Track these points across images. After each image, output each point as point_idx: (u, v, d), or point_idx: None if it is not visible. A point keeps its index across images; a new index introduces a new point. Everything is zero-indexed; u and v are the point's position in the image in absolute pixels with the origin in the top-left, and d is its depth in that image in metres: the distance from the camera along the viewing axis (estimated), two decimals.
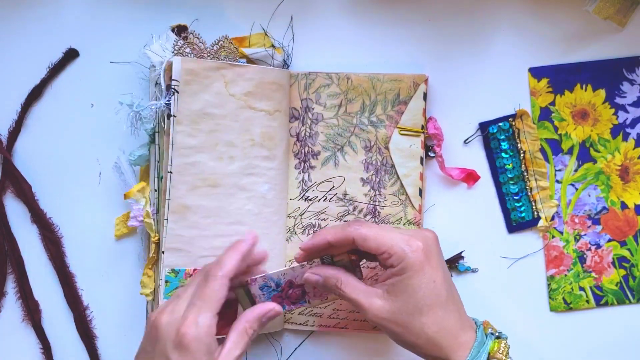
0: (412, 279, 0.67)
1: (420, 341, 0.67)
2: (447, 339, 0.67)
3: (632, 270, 0.80)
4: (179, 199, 0.74)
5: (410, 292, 0.67)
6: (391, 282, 0.67)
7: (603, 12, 0.77)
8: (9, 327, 0.81)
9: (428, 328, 0.67)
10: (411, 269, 0.67)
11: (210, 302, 0.65)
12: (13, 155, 0.81)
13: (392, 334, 0.68)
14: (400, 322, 0.67)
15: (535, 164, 0.79)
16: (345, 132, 0.79)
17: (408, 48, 0.80)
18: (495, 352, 0.67)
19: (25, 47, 0.81)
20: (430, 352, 0.67)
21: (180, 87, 0.73)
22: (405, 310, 0.67)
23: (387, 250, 0.67)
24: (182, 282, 0.75)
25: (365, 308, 0.68)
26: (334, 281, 0.69)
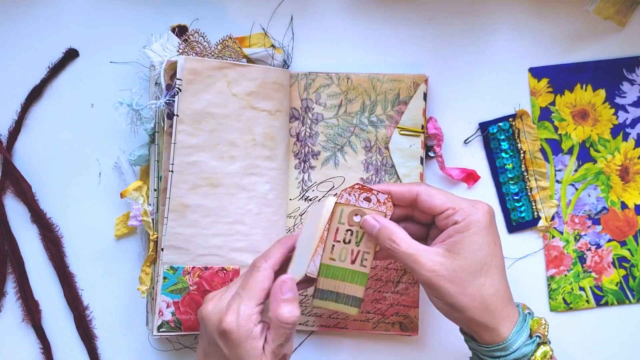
0: (477, 236, 0.66)
1: (474, 304, 0.66)
2: (498, 306, 0.66)
3: (632, 270, 0.80)
4: (180, 198, 0.74)
5: (475, 249, 0.66)
6: (453, 240, 0.67)
7: (603, 12, 0.77)
8: (9, 327, 0.81)
9: (485, 290, 0.66)
10: (477, 225, 0.66)
11: (252, 292, 0.67)
12: (13, 155, 0.81)
13: (444, 295, 0.66)
14: (459, 281, 0.66)
15: (535, 164, 0.79)
16: (345, 132, 0.79)
17: (408, 48, 0.80)
18: (537, 328, 0.67)
19: (25, 47, 0.81)
20: (478, 317, 0.66)
21: (183, 86, 0.73)
22: (467, 268, 0.66)
23: (453, 206, 0.67)
24: (180, 279, 0.75)
25: (423, 263, 0.66)
26: (389, 233, 0.68)
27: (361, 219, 0.70)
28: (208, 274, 0.75)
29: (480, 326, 0.67)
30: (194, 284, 0.75)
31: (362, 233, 0.70)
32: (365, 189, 0.70)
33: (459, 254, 0.66)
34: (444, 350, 0.80)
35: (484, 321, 0.66)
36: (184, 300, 0.75)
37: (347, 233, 0.70)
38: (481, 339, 0.68)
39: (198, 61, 0.74)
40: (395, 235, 0.68)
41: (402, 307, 0.79)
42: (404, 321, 0.79)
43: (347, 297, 0.71)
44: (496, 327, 0.66)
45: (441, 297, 0.67)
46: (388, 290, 0.79)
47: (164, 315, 0.75)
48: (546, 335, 0.68)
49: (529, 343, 0.67)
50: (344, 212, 0.70)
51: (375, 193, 0.70)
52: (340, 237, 0.70)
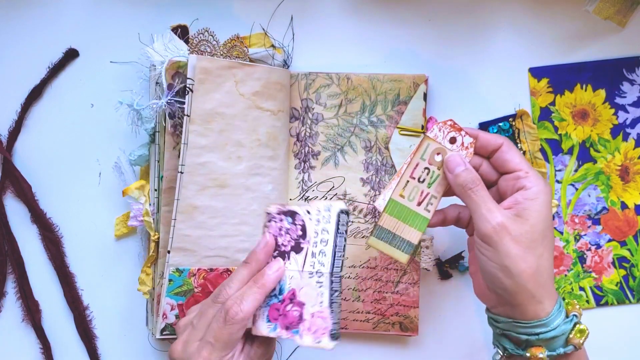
0: (544, 205, 0.66)
1: (530, 270, 0.65)
2: (548, 280, 0.66)
3: (632, 270, 0.80)
4: (189, 199, 0.74)
5: (542, 218, 0.66)
6: (522, 207, 0.66)
7: (603, 12, 0.77)
8: (9, 327, 0.81)
9: (542, 260, 0.66)
10: (545, 196, 0.67)
11: (227, 344, 0.64)
12: (13, 155, 0.81)
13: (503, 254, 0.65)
14: (522, 244, 0.65)
15: (536, 164, 0.79)
16: (345, 132, 0.79)
17: (408, 48, 0.80)
18: (573, 308, 0.67)
19: (25, 47, 0.81)
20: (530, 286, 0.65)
21: (195, 85, 0.73)
22: (531, 234, 0.66)
23: (526, 170, 0.68)
24: (185, 282, 0.75)
25: (494, 214, 0.66)
26: (473, 175, 0.68)
27: (445, 156, 0.69)
28: (213, 275, 0.75)
29: (528, 296, 0.66)
30: (199, 286, 0.75)
31: (437, 175, 0.69)
32: (455, 128, 0.69)
33: (527, 219, 0.66)
34: (444, 350, 0.80)
35: (533, 291, 0.65)
36: (188, 303, 0.75)
37: (424, 171, 0.70)
38: (523, 313, 0.66)
39: (209, 60, 0.74)
40: (479, 180, 0.68)
41: (402, 307, 0.79)
42: (404, 321, 0.79)
43: (402, 241, 0.71)
44: (542, 301, 0.66)
45: (498, 257, 0.66)
46: (388, 291, 0.79)
47: (168, 318, 0.75)
48: (581, 315, 0.68)
49: (567, 321, 0.66)
50: (429, 147, 0.69)
51: (462, 135, 0.69)
52: (417, 174, 0.70)
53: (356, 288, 0.79)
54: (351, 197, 0.79)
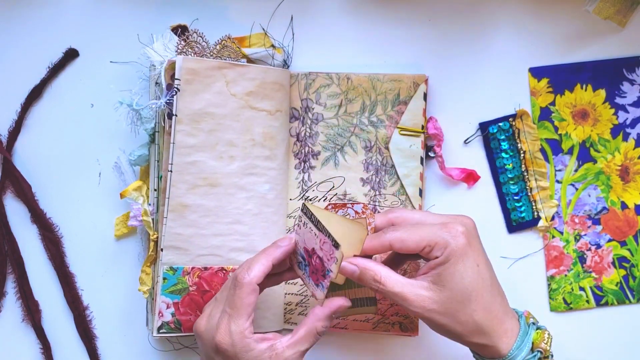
0: (458, 265, 0.66)
1: (468, 329, 0.66)
2: (494, 325, 0.67)
3: (632, 270, 0.80)
4: (178, 198, 0.74)
5: (457, 280, 0.66)
6: (436, 273, 0.66)
7: (603, 12, 0.77)
8: (9, 327, 0.81)
9: (476, 315, 0.66)
10: (454, 254, 0.66)
11: (240, 309, 0.67)
12: (13, 155, 0.81)
13: (437, 326, 0.67)
14: (449, 312, 0.66)
15: (535, 164, 0.79)
16: (345, 132, 0.79)
17: (408, 48, 0.80)
18: (540, 342, 0.67)
19: (25, 47, 0.81)
20: (476, 340, 0.67)
21: (182, 86, 0.73)
22: (454, 299, 0.66)
23: (428, 244, 0.67)
24: (180, 280, 0.75)
25: (411, 300, 0.66)
26: (371, 274, 0.67)
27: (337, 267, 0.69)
28: (207, 274, 0.75)
29: (479, 346, 0.67)
30: (194, 285, 0.75)
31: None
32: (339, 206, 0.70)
33: (444, 285, 0.66)
34: (444, 350, 0.80)
35: (482, 342, 0.67)
36: (184, 301, 0.75)
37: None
38: (483, 354, 0.68)
39: (196, 61, 0.74)
40: (379, 275, 0.67)
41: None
42: (404, 321, 0.79)
43: (362, 300, 0.72)
44: (495, 345, 0.67)
45: (436, 328, 0.68)
46: None
47: (164, 317, 0.75)
48: (548, 350, 0.68)
49: (530, 357, 0.67)
50: None
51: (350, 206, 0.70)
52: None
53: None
54: (351, 197, 0.79)
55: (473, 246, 0.67)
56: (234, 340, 0.66)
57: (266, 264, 0.68)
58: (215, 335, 0.67)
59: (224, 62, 0.75)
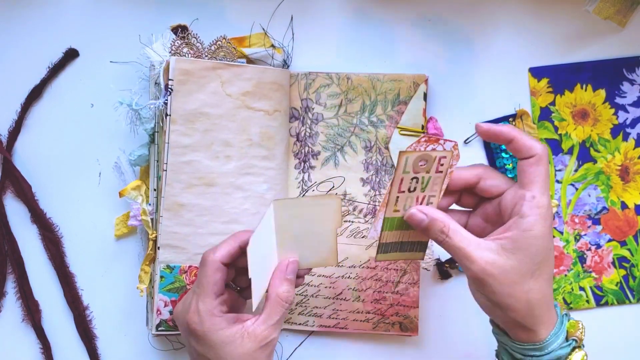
0: (538, 240, 0.63)
1: (518, 306, 0.64)
2: (542, 310, 0.65)
3: (632, 270, 0.80)
4: (174, 197, 0.74)
5: (532, 252, 0.63)
6: (511, 238, 0.63)
7: (603, 12, 0.77)
8: (9, 327, 0.81)
9: (532, 294, 0.64)
10: (542, 228, 0.63)
11: (205, 287, 0.67)
12: (13, 155, 0.81)
13: (489, 293, 0.64)
14: (508, 282, 0.63)
15: None
16: (345, 132, 0.79)
17: (408, 48, 0.80)
18: (575, 331, 0.66)
19: (25, 47, 0.81)
20: (520, 319, 0.64)
21: (175, 86, 0.73)
22: (519, 270, 0.63)
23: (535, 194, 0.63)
24: (177, 278, 0.75)
25: (473, 259, 0.63)
26: (440, 225, 0.65)
27: (407, 213, 0.66)
28: None
29: (519, 326, 0.65)
30: (191, 283, 0.75)
31: (429, 178, 0.65)
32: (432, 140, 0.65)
33: (514, 254, 0.63)
34: (444, 350, 0.80)
35: (524, 323, 0.65)
36: (181, 299, 0.75)
37: (412, 181, 0.66)
38: (516, 337, 0.66)
39: (190, 62, 0.74)
40: (447, 226, 0.65)
41: (402, 307, 0.79)
42: (404, 321, 0.79)
43: (412, 244, 0.69)
44: (536, 330, 0.65)
45: (486, 294, 0.65)
46: (388, 291, 0.79)
47: (162, 315, 0.75)
48: (582, 339, 0.67)
49: (565, 346, 0.65)
50: (408, 160, 0.65)
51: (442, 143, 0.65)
52: (405, 186, 0.66)
53: (356, 288, 0.79)
54: (351, 197, 0.79)
55: (551, 228, 0.65)
56: (202, 318, 0.66)
57: (232, 244, 0.68)
58: (186, 316, 0.67)
59: (219, 62, 0.75)
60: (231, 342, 0.66)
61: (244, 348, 0.65)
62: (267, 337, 0.66)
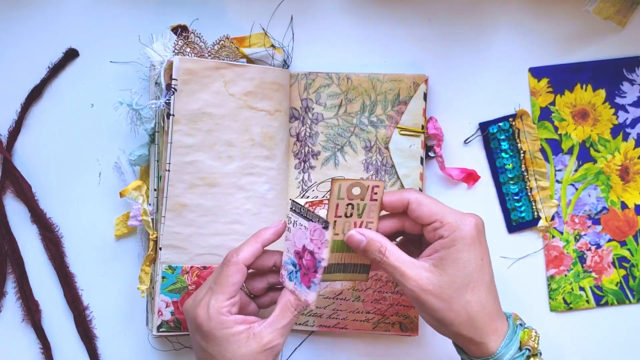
0: (463, 253, 0.66)
1: (460, 319, 0.66)
2: (485, 321, 0.66)
3: (632, 270, 0.80)
4: (177, 197, 0.74)
5: (460, 266, 0.66)
6: (439, 256, 0.66)
7: (603, 12, 0.77)
8: (9, 327, 0.81)
9: (471, 307, 0.66)
10: (463, 241, 0.66)
11: (223, 286, 0.67)
12: (13, 155, 0.81)
13: (429, 310, 0.66)
14: (445, 297, 0.65)
15: (535, 164, 0.79)
16: (345, 132, 0.79)
17: (408, 48, 0.80)
18: (527, 340, 0.67)
19: (25, 47, 0.81)
20: (465, 332, 0.66)
21: (179, 86, 0.73)
22: (453, 284, 0.65)
23: (440, 219, 0.66)
24: (179, 279, 0.75)
25: (408, 277, 0.65)
26: (377, 245, 0.67)
27: (346, 235, 0.68)
28: (206, 273, 0.75)
29: (468, 340, 0.67)
30: (193, 284, 0.75)
31: (364, 204, 0.68)
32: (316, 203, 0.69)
33: (445, 270, 0.66)
34: (444, 350, 0.80)
35: (470, 336, 0.66)
36: (183, 300, 0.75)
37: (347, 207, 0.68)
38: (470, 352, 0.68)
39: (194, 61, 0.74)
40: (384, 247, 0.67)
41: (402, 307, 0.79)
42: (404, 321, 0.79)
43: (355, 266, 0.71)
44: (484, 342, 0.66)
45: (427, 312, 0.67)
46: (388, 291, 0.79)
47: (163, 315, 0.75)
48: (537, 348, 0.67)
49: (518, 356, 0.67)
50: (342, 187, 0.67)
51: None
52: (342, 212, 0.68)
53: (356, 288, 0.79)
54: None
55: (481, 241, 0.68)
56: (210, 315, 0.66)
57: (255, 245, 0.69)
58: (195, 310, 0.67)
59: (222, 62, 0.75)
60: (235, 341, 0.66)
61: (247, 349, 0.66)
62: (271, 341, 0.66)
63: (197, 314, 0.67)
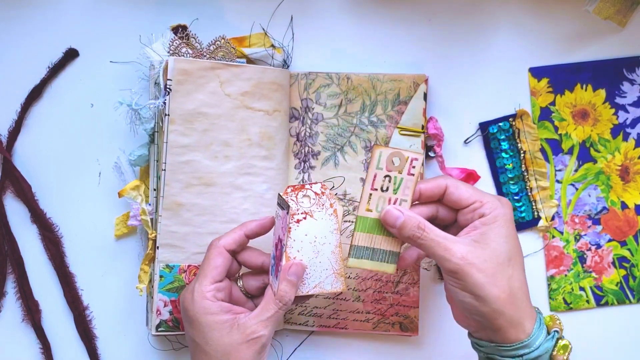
0: (504, 228, 0.66)
1: (504, 294, 0.65)
2: (524, 300, 0.66)
3: (632, 270, 0.80)
4: (173, 197, 0.74)
5: (502, 241, 0.66)
6: (480, 232, 0.66)
7: (603, 12, 0.77)
8: (9, 327, 0.81)
9: (514, 281, 0.66)
10: (504, 217, 0.67)
11: (205, 270, 0.69)
12: (13, 155, 0.81)
13: (474, 286, 0.65)
14: (489, 270, 0.65)
15: (536, 164, 0.79)
16: (345, 132, 0.79)
17: (408, 48, 0.80)
18: (554, 324, 0.68)
19: (25, 47, 0.81)
20: (507, 310, 0.65)
21: (173, 86, 0.74)
22: (496, 258, 0.65)
23: (480, 199, 0.67)
24: (176, 278, 0.75)
25: (453, 250, 0.65)
26: (416, 221, 0.67)
27: (383, 211, 0.68)
28: None
29: (507, 320, 0.65)
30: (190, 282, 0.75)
31: (401, 179, 0.67)
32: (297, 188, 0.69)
33: (488, 244, 0.66)
34: (444, 350, 0.80)
35: (511, 314, 0.65)
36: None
37: (384, 180, 0.67)
38: (504, 337, 0.66)
39: (189, 62, 0.74)
40: (423, 222, 0.67)
41: (402, 307, 0.79)
42: (404, 321, 0.79)
43: (384, 253, 0.70)
44: (521, 322, 0.65)
45: (469, 288, 0.65)
46: (388, 291, 0.79)
47: (162, 315, 0.75)
48: (562, 330, 0.68)
49: (549, 339, 0.66)
50: (382, 155, 0.67)
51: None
52: (378, 184, 0.67)
53: (356, 288, 0.79)
54: (351, 197, 0.79)
55: (514, 222, 0.68)
56: (195, 298, 0.67)
57: (238, 232, 0.70)
58: (183, 296, 0.69)
59: (218, 62, 0.75)
60: (219, 329, 0.66)
61: (230, 338, 0.66)
62: (254, 332, 0.66)
63: (184, 299, 0.68)
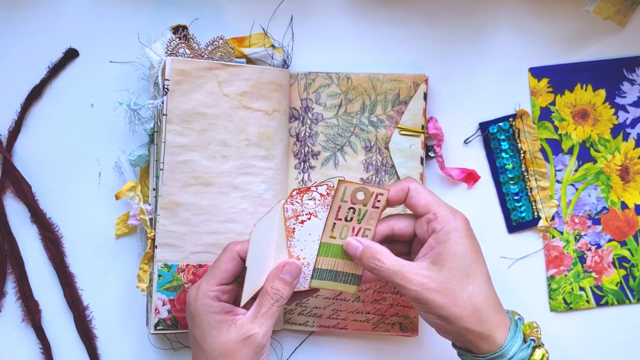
0: (458, 245, 0.66)
1: (466, 312, 0.66)
2: (490, 313, 0.66)
3: (632, 270, 0.80)
4: (170, 196, 0.74)
5: (458, 259, 0.66)
6: (436, 252, 0.66)
7: (603, 12, 0.77)
8: (9, 327, 0.81)
9: (475, 298, 0.66)
10: (457, 233, 0.66)
11: (214, 271, 0.69)
12: (13, 155, 0.81)
13: (435, 309, 0.66)
14: (448, 292, 0.65)
15: (536, 164, 0.79)
16: (345, 132, 0.79)
17: (408, 48, 0.80)
18: (530, 332, 0.68)
19: (25, 47, 0.81)
20: (472, 326, 0.66)
21: (171, 86, 0.74)
22: (453, 278, 0.66)
23: (434, 211, 0.67)
24: (175, 277, 0.75)
25: (409, 278, 0.66)
26: (372, 252, 0.68)
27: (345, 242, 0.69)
28: (202, 271, 0.76)
29: (476, 335, 0.67)
30: (189, 282, 0.75)
31: (365, 211, 0.69)
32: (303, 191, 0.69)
33: (444, 264, 0.66)
34: (444, 350, 0.80)
35: (478, 329, 0.66)
36: (180, 298, 0.75)
37: (349, 211, 0.69)
38: (477, 349, 0.67)
39: (186, 62, 0.74)
40: (380, 253, 0.67)
41: (401, 307, 0.79)
42: (404, 322, 0.79)
43: (346, 275, 0.71)
44: (491, 334, 0.66)
45: (432, 311, 0.66)
46: (388, 291, 0.79)
47: (161, 314, 0.75)
48: (540, 338, 0.68)
49: (525, 347, 0.67)
50: (347, 189, 0.68)
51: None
52: (342, 215, 0.69)
53: None
54: None
55: (472, 235, 0.68)
56: (198, 295, 0.68)
57: None
58: (189, 291, 0.70)
59: (215, 62, 0.75)
60: (217, 327, 0.67)
61: (227, 337, 0.67)
62: (249, 330, 0.67)
63: (189, 294, 0.69)
